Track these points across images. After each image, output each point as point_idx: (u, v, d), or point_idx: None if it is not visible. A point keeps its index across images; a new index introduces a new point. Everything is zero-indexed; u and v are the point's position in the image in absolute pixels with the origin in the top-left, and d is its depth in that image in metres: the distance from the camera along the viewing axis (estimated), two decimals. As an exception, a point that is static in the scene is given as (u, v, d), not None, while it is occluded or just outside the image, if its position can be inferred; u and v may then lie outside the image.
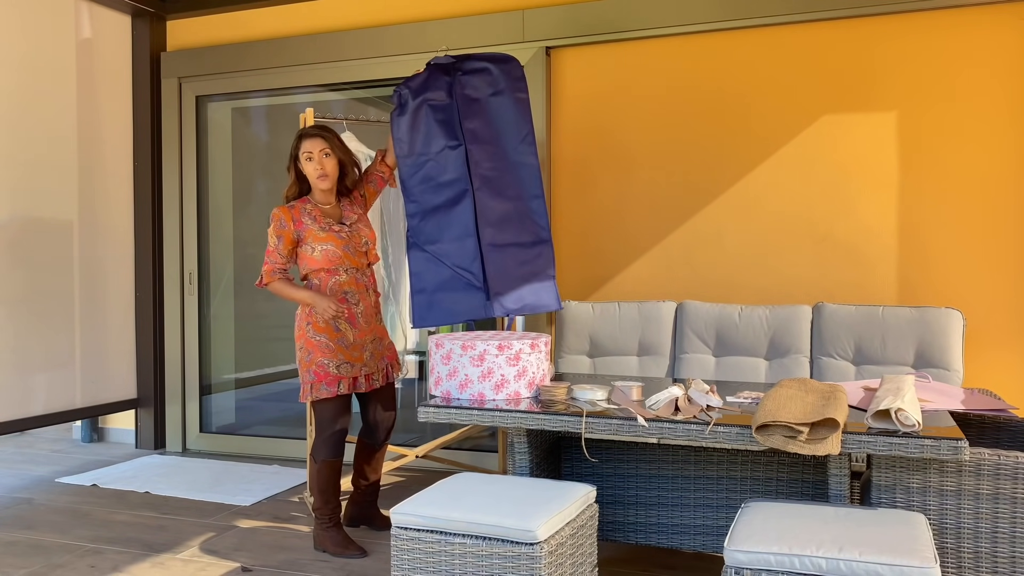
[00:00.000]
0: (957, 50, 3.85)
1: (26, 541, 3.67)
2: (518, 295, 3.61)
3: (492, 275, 3.59)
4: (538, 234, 3.65)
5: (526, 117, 3.65)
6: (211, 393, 5.42)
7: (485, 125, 3.64)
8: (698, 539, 3.15)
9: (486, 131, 3.64)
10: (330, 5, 5.01)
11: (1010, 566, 2.48)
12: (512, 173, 3.64)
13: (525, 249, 3.64)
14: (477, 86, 3.65)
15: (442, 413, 2.84)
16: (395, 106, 3.62)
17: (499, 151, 3.64)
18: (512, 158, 3.64)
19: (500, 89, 3.64)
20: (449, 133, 3.62)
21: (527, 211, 3.64)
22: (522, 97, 3.65)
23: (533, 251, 3.65)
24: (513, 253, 3.62)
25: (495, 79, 3.64)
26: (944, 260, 3.88)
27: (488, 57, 3.65)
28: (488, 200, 3.62)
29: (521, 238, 3.64)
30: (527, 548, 2.35)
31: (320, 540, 3.52)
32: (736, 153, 4.19)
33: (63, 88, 4.84)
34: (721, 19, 4.14)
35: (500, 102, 3.65)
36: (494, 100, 3.65)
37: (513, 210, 3.63)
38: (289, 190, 3.59)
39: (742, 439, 2.50)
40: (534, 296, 3.63)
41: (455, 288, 3.59)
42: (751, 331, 3.72)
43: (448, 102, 3.64)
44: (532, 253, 3.65)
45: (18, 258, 4.57)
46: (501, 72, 3.65)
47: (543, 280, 3.65)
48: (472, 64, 3.65)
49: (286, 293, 3.48)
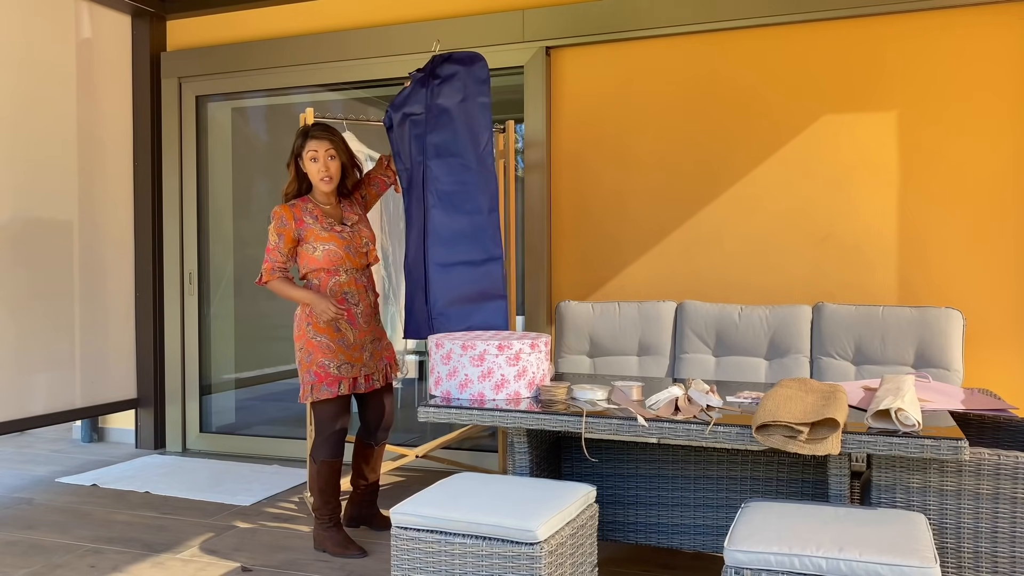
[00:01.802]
0: (957, 50, 3.85)
1: (26, 541, 3.67)
2: (464, 314, 3.53)
3: (434, 295, 3.54)
4: (489, 251, 3.52)
5: (486, 123, 3.52)
6: (211, 393, 5.42)
7: (451, 136, 3.53)
8: (698, 539, 3.15)
9: (451, 142, 3.53)
10: (330, 5, 5.01)
11: (1010, 566, 2.48)
12: (474, 186, 3.52)
13: (474, 268, 3.53)
14: (448, 94, 3.53)
15: (442, 413, 2.84)
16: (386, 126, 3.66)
17: (464, 163, 3.52)
18: (474, 169, 3.52)
19: (464, 95, 3.52)
20: (418, 148, 3.56)
21: (481, 226, 3.52)
22: (484, 102, 3.51)
23: (481, 269, 3.53)
24: (461, 272, 3.53)
25: (463, 84, 3.51)
26: (944, 260, 3.88)
27: (458, 58, 3.53)
28: (442, 217, 3.53)
29: (472, 256, 3.53)
30: (527, 548, 2.35)
31: (320, 540, 3.52)
32: (736, 153, 4.19)
33: (63, 88, 4.84)
34: (721, 19, 4.14)
35: (465, 109, 3.52)
36: (461, 107, 3.52)
37: (468, 226, 3.53)
38: (288, 187, 3.58)
39: (742, 439, 2.50)
40: (481, 316, 3.53)
41: (414, 306, 3.64)
42: (751, 331, 3.72)
43: (421, 116, 3.57)
44: (480, 272, 3.53)
45: (18, 258, 4.57)
46: (467, 76, 3.52)
47: (492, 300, 3.54)
48: (445, 69, 3.54)
49: (286, 292, 3.48)
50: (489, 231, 3.53)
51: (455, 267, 3.54)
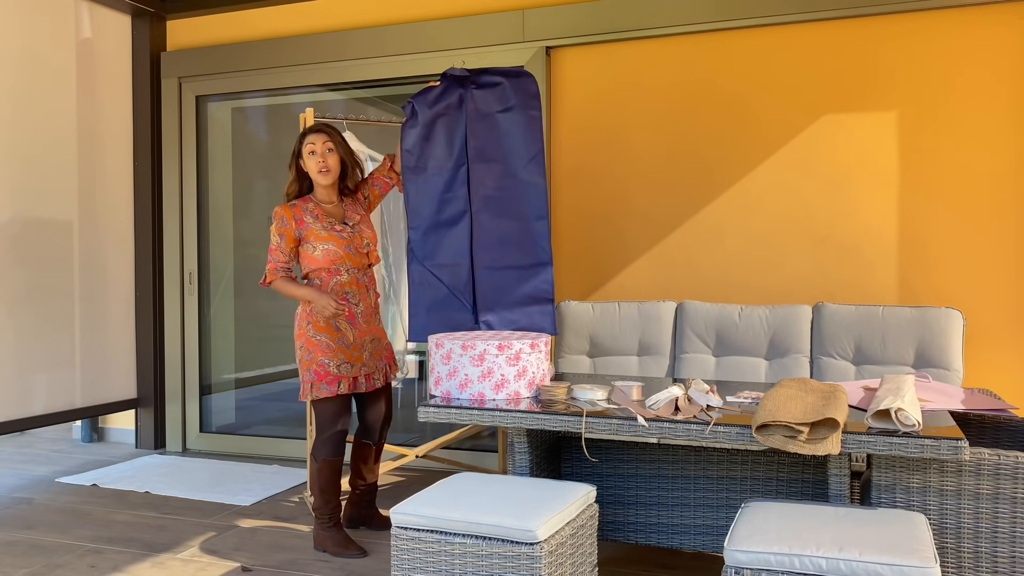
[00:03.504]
0: (957, 50, 3.85)
1: (26, 541, 3.67)
2: (511, 318, 3.54)
3: (483, 298, 3.55)
4: (538, 256, 3.54)
5: (536, 136, 3.52)
6: (211, 393, 5.42)
7: (493, 143, 3.54)
8: (698, 539, 3.15)
9: (494, 149, 3.54)
10: (330, 5, 5.01)
11: (1010, 566, 2.48)
12: (518, 193, 3.53)
13: (522, 271, 3.55)
14: (489, 101, 3.54)
15: (442, 413, 2.84)
16: (407, 117, 3.56)
17: (506, 169, 3.53)
18: (520, 177, 3.52)
19: (511, 105, 3.52)
20: (457, 150, 3.56)
21: (529, 232, 3.53)
22: (534, 115, 3.51)
23: (530, 273, 3.55)
24: (509, 276, 3.55)
25: (507, 94, 3.52)
26: (944, 260, 3.88)
27: (503, 72, 3.54)
28: (487, 222, 3.55)
29: (520, 261, 3.55)
30: (527, 548, 2.35)
31: (320, 540, 3.52)
32: (736, 153, 4.19)
33: (63, 88, 4.84)
34: (721, 19, 4.14)
35: (511, 118, 3.52)
36: (505, 116, 3.53)
37: (514, 232, 3.54)
38: (289, 187, 3.59)
39: (742, 439, 2.50)
40: (528, 320, 3.54)
41: (448, 307, 3.59)
42: (751, 331, 3.72)
43: (459, 118, 3.56)
44: (529, 275, 3.55)
45: (18, 258, 4.57)
46: (514, 87, 3.52)
47: (540, 304, 3.55)
48: (486, 78, 3.54)
49: (287, 290, 3.48)
50: (537, 237, 3.53)
51: (502, 271, 3.55)
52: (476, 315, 3.56)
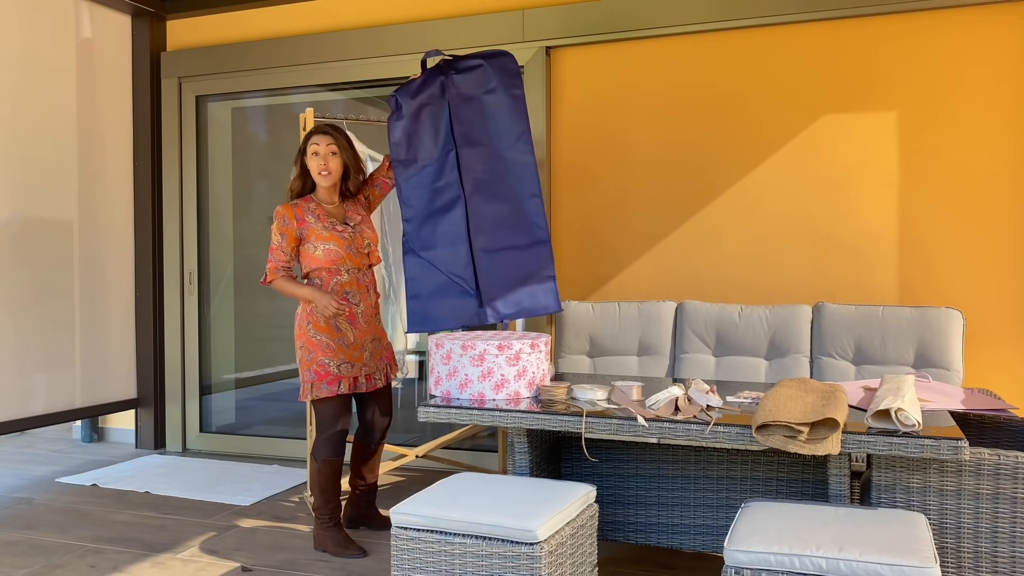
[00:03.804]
0: (957, 50, 3.85)
1: (26, 541, 3.67)
2: (514, 299, 3.56)
3: (485, 281, 3.55)
4: (535, 235, 3.58)
5: (522, 114, 3.57)
6: (211, 393, 5.42)
7: (479, 126, 3.58)
8: (698, 539, 3.15)
9: (480, 132, 3.58)
10: (330, 5, 5.01)
11: (1010, 566, 2.48)
12: (508, 173, 3.57)
13: (521, 251, 3.58)
14: (470, 84, 3.58)
15: (442, 413, 2.84)
16: (392, 110, 3.59)
17: (493, 151, 3.57)
18: (507, 157, 3.57)
19: (493, 87, 3.56)
20: (443, 137, 3.58)
21: (523, 211, 3.58)
22: (517, 93, 3.56)
23: (529, 253, 3.59)
24: (508, 257, 3.57)
25: (488, 76, 3.56)
26: (944, 260, 3.88)
27: (481, 55, 3.58)
28: (481, 205, 3.57)
29: (517, 241, 3.58)
30: (527, 548, 2.35)
31: (320, 540, 3.52)
32: (736, 153, 4.19)
33: (63, 88, 4.84)
34: (721, 19, 4.14)
35: (494, 100, 3.57)
36: (489, 98, 3.57)
37: (509, 212, 3.58)
38: (293, 182, 3.60)
39: (742, 439, 2.50)
40: (531, 299, 3.58)
41: (449, 294, 3.58)
42: (751, 331, 3.72)
43: (442, 105, 3.58)
44: (528, 255, 3.59)
45: (18, 258, 4.57)
46: (494, 68, 3.56)
47: (541, 282, 3.59)
48: (466, 63, 3.59)
49: (288, 290, 3.49)
50: (532, 215, 3.57)
51: (501, 252, 3.57)
52: (480, 299, 3.56)
